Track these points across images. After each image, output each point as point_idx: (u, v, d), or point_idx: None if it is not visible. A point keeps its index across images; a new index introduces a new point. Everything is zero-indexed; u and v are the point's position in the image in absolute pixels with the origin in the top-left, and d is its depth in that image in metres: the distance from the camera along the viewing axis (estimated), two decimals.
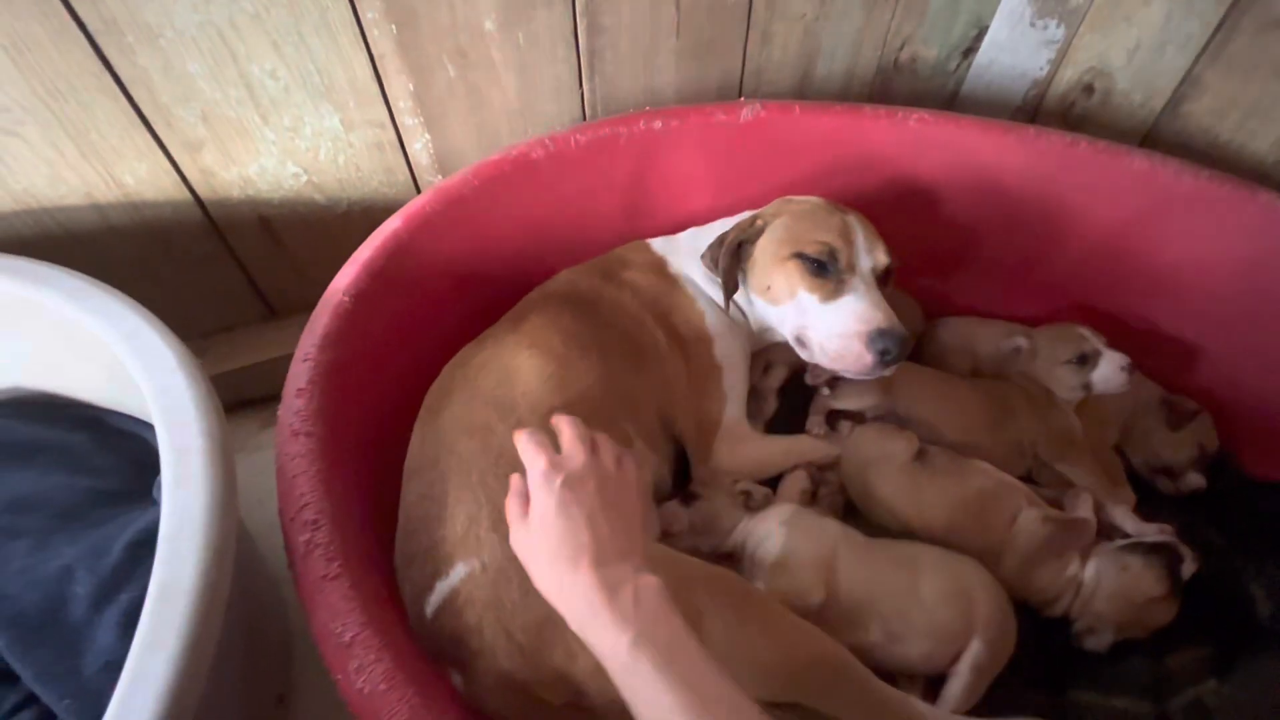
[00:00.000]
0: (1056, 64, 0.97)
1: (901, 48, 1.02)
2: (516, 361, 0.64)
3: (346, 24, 0.71)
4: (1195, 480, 0.72)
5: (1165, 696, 0.60)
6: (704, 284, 0.79)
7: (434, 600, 0.52)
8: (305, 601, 0.47)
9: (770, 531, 0.62)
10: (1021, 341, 0.78)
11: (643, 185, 0.84)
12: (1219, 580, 0.66)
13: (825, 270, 0.68)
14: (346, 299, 0.62)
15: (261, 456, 0.82)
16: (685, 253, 0.80)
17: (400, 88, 0.77)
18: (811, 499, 0.74)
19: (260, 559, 0.69)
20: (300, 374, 0.57)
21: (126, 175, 0.72)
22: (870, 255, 0.69)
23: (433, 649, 0.52)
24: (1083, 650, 0.63)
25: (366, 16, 0.71)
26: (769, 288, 0.71)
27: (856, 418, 0.78)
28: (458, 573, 0.51)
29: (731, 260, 0.72)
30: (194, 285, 0.84)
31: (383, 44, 0.73)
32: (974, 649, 0.58)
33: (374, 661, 0.44)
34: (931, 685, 0.61)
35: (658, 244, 0.82)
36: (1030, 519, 0.64)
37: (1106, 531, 0.68)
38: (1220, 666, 0.62)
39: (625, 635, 0.40)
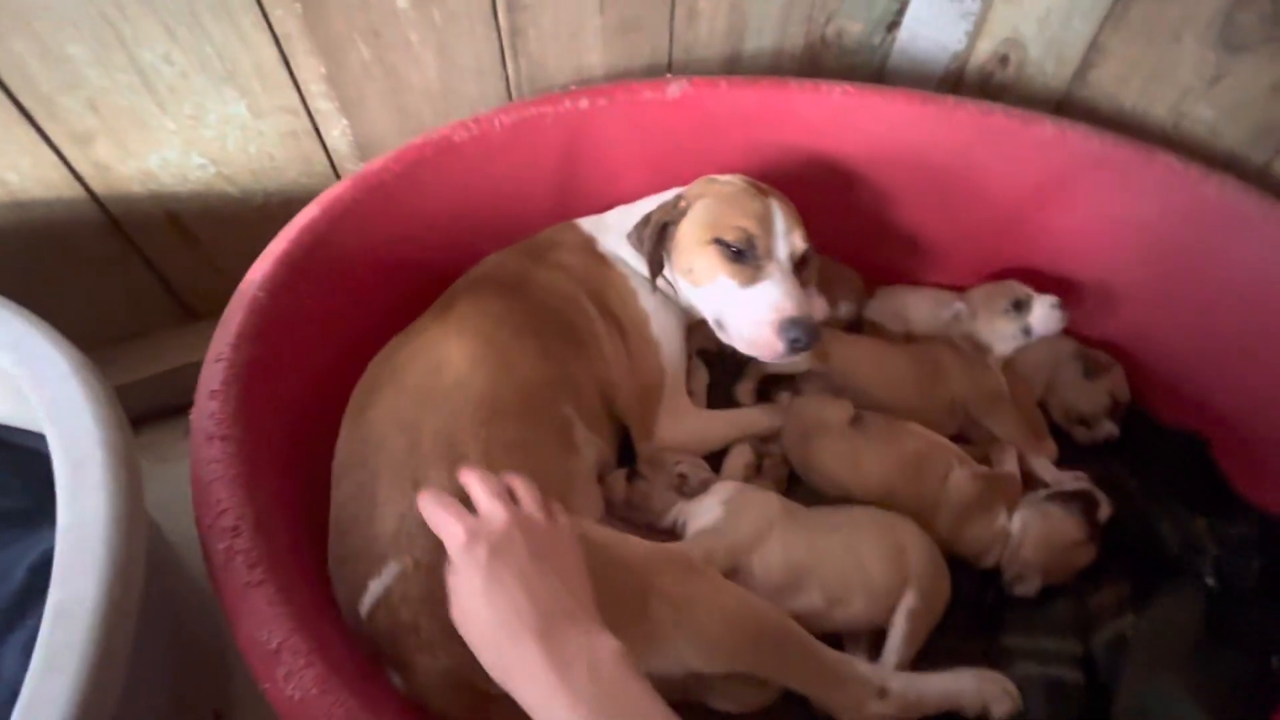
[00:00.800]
0: (974, 36, 1.00)
1: (827, 23, 1.03)
2: (446, 351, 0.62)
3: (246, 4, 0.67)
4: (1108, 429, 0.76)
5: (1089, 634, 0.63)
6: (634, 262, 0.78)
7: (368, 600, 0.50)
8: (228, 610, 0.45)
9: (710, 507, 0.62)
10: (959, 306, 0.81)
11: (572, 166, 0.83)
12: (1134, 522, 0.70)
13: (743, 256, 0.68)
14: (262, 294, 0.59)
15: (186, 465, 0.78)
16: (614, 231, 0.79)
17: (311, 71, 0.74)
18: (756, 471, 0.76)
19: (186, 571, 0.66)
20: (214, 375, 0.54)
21: (8, 172, 0.67)
22: (787, 240, 0.69)
23: (370, 650, 0.50)
24: (1013, 598, 0.66)
25: None
26: (691, 270, 0.71)
27: (794, 389, 0.79)
28: (390, 571, 0.50)
29: (656, 241, 0.72)
30: (100, 289, 0.79)
31: (287, 24, 0.69)
32: (908, 599, 0.60)
33: (304, 667, 0.42)
34: (875, 647, 0.63)
35: (586, 223, 0.81)
36: (960, 477, 0.67)
37: (1031, 483, 0.71)
38: (1137, 602, 0.66)
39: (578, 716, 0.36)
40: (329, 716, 0.41)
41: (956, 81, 1.05)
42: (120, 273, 0.79)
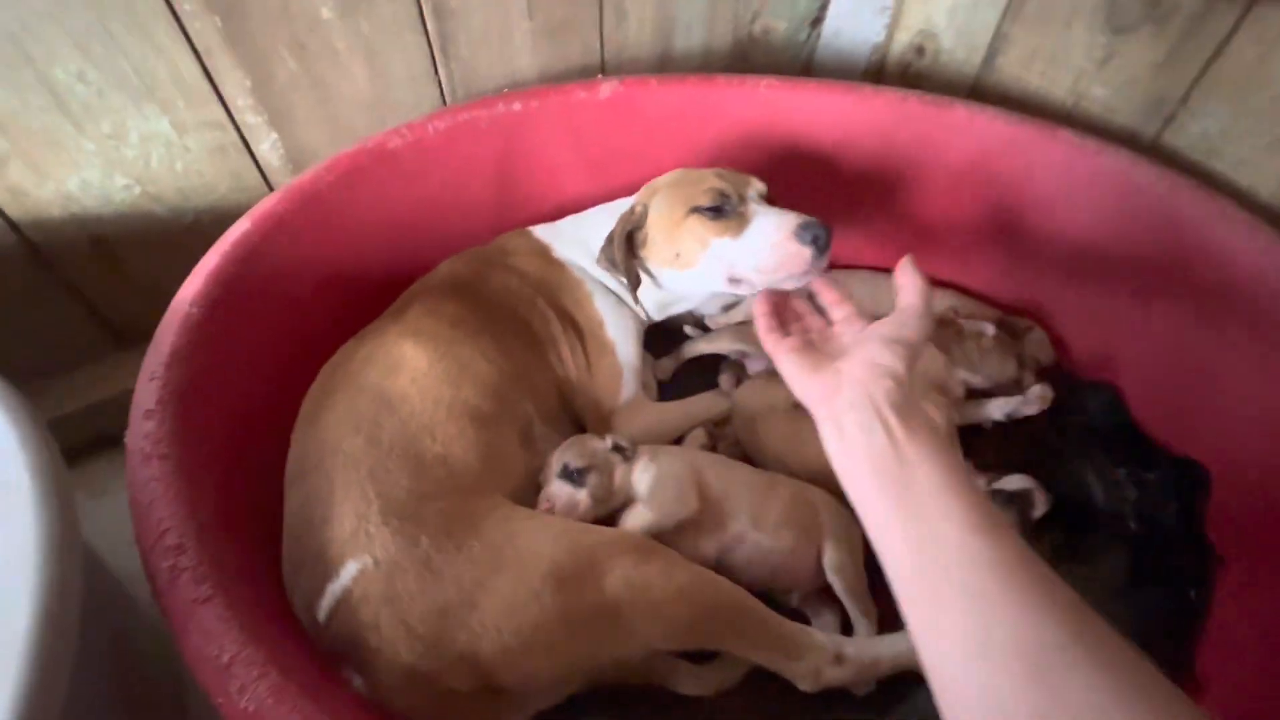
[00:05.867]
0: (891, 29, 1.05)
1: (753, 20, 1.06)
2: (401, 352, 0.63)
3: (160, 18, 0.65)
4: (1043, 392, 0.79)
5: None
6: (590, 268, 0.79)
7: (326, 603, 0.50)
8: (176, 629, 0.44)
9: (644, 468, 0.64)
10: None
11: (512, 170, 0.83)
12: (1063, 478, 0.74)
13: (724, 212, 0.69)
14: (195, 310, 0.58)
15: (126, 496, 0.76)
16: (568, 239, 0.81)
17: (235, 84, 0.73)
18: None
19: (134, 604, 0.64)
20: (148, 394, 0.53)
21: None
22: (750, 185, 0.72)
23: (330, 654, 0.50)
24: None
25: (183, 9, 0.66)
26: (678, 255, 0.71)
27: (741, 372, 0.82)
28: (349, 571, 0.50)
29: (626, 252, 0.72)
30: (22, 320, 0.76)
31: (207, 37, 0.68)
32: (829, 555, 0.63)
33: (257, 678, 0.42)
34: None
35: (540, 231, 0.82)
36: None
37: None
38: (1069, 550, 0.70)
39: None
40: None
41: (879, 72, 1.10)
42: (44, 303, 0.76)
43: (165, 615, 0.45)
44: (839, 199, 0.92)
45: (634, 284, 0.73)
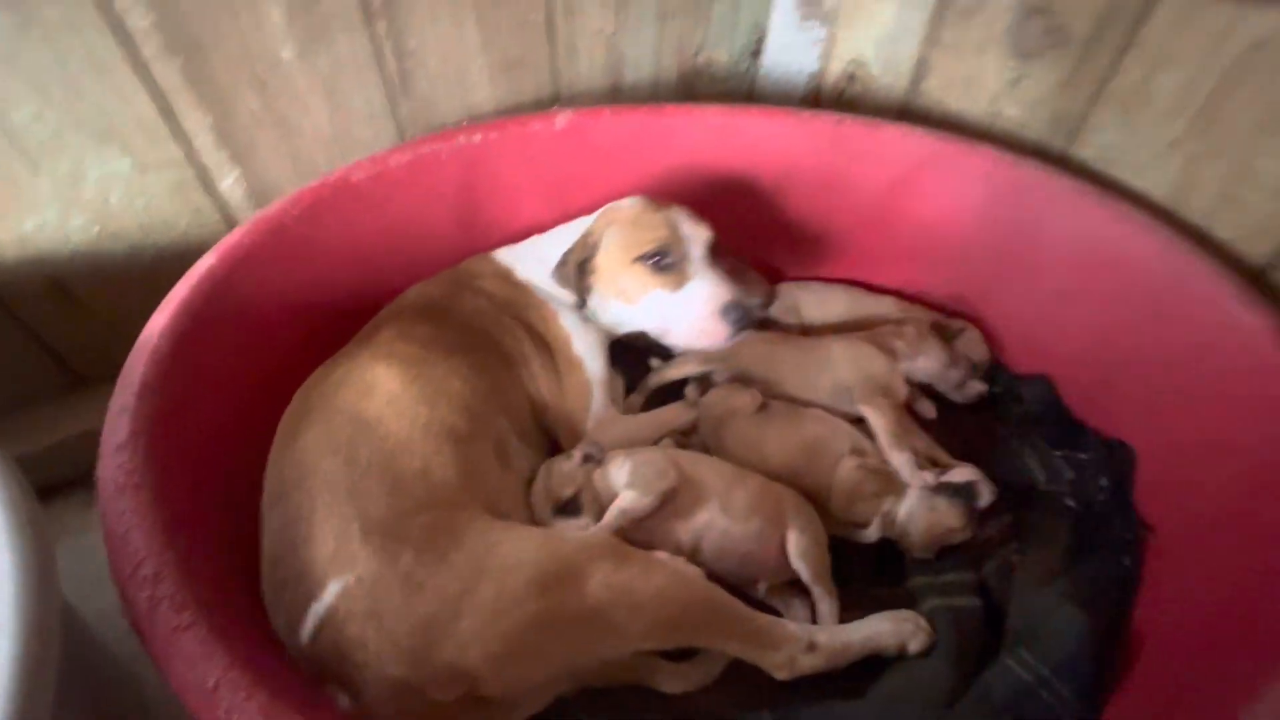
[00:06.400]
0: (825, 59, 1.12)
1: (697, 54, 1.13)
2: (375, 374, 0.64)
3: (120, 61, 0.67)
4: (977, 387, 0.86)
5: (981, 564, 0.71)
6: (551, 288, 0.82)
7: (310, 624, 0.50)
8: (158, 658, 0.44)
9: (620, 464, 0.67)
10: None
11: (472, 199, 0.86)
12: (1008, 463, 0.80)
13: (666, 265, 0.75)
14: (164, 343, 0.59)
15: (91, 538, 0.74)
16: (529, 260, 0.84)
17: (197, 123, 0.74)
18: None
19: (103, 648, 0.62)
20: (120, 426, 0.53)
21: None
22: (698, 238, 0.77)
23: (315, 674, 0.50)
24: None
25: (144, 53, 0.67)
26: (622, 291, 0.78)
27: (706, 382, 0.85)
28: (332, 590, 0.50)
29: (578, 278, 0.78)
30: None
31: (169, 79, 0.70)
32: (794, 542, 0.66)
33: (245, 699, 0.42)
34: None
35: (501, 255, 0.85)
36: (846, 466, 0.73)
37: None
38: (1017, 531, 0.75)
39: None
40: None
41: (816, 99, 1.18)
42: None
43: (146, 645, 0.45)
44: (783, 214, 0.98)
45: (581, 302, 0.79)
